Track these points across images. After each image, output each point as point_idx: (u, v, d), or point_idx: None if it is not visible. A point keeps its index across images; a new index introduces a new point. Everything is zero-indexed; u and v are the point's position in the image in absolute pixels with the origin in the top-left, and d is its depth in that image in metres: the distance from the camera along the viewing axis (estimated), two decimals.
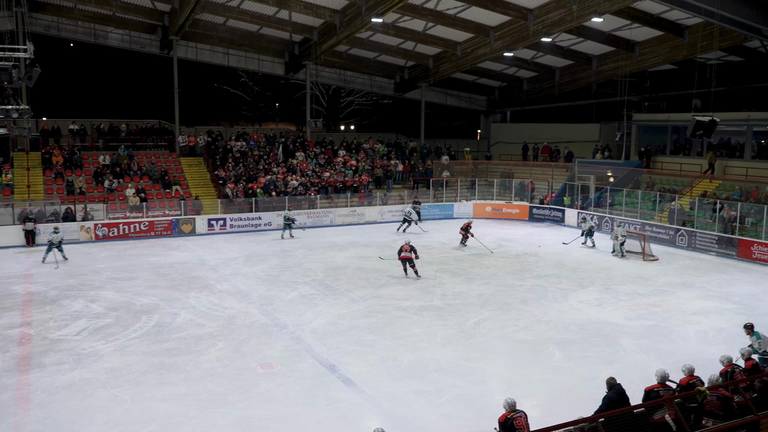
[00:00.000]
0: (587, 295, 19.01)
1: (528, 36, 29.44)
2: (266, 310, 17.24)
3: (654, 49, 31.52)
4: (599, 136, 39.28)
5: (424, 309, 17.34)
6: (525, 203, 34.45)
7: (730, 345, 13.19)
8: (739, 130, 31.62)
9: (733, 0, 22.72)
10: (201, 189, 31.76)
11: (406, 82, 41.38)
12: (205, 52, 35.87)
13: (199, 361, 13.45)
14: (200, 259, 23.83)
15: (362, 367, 13.16)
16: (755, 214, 25.16)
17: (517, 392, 11.28)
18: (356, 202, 33.18)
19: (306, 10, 29.57)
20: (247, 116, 57.34)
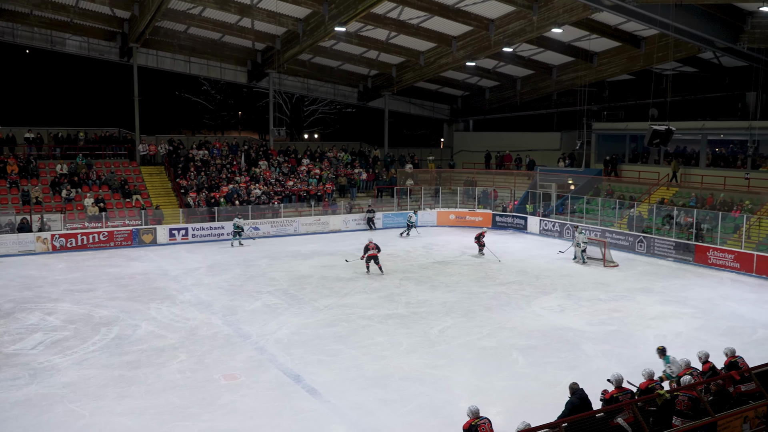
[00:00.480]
0: (550, 301, 19.24)
1: (490, 46, 29.82)
2: (229, 320, 17.03)
3: (612, 59, 32.23)
4: (560, 144, 39.93)
5: (389, 317, 17.33)
6: (488, 211, 34.77)
7: (689, 349, 13.47)
8: (694, 138, 32.47)
9: (687, 12, 23.36)
10: (162, 198, 31.28)
11: (369, 91, 41.49)
12: (166, 59, 35.42)
13: (161, 373, 13.20)
14: (162, 269, 23.44)
15: (327, 377, 13.08)
16: (710, 220, 25.81)
17: (482, 399, 11.35)
18: (320, 211, 33.07)
19: (269, 19, 29.45)
20: (210, 125, 56.78)
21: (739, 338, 15.34)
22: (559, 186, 34.05)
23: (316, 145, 41.53)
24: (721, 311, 18.20)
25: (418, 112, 45.11)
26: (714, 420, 8.98)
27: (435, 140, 54.30)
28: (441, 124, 48.32)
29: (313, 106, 55.07)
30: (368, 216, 33.04)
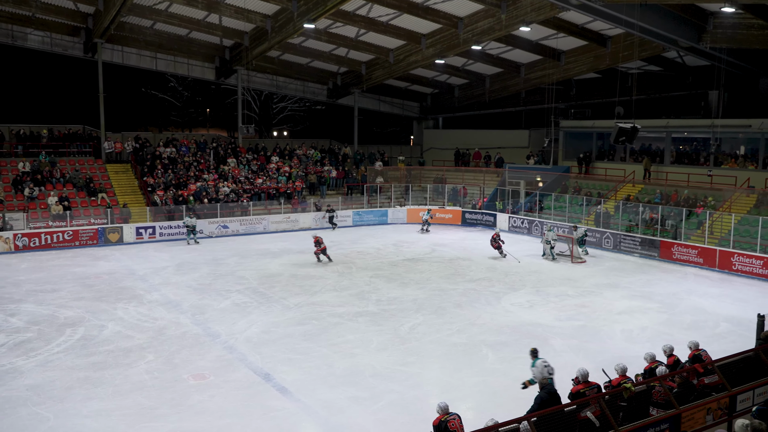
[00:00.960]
0: (519, 297, 19.42)
1: (459, 44, 29.95)
2: (198, 319, 16.85)
3: (579, 58, 32.65)
4: (528, 142, 40.33)
5: (359, 315, 17.32)
6: (458, 208, 34.96)
7: (654, 343, 13.71)
8: (659, 136, 33.05)
9: (651, 12, 23.76)
10: (129, 197, 30.80)
11: (339, 88, 41.38)
12: (131, 55, 34.83)
13: (128, 374, 13.01)
14: (128, 268, 23.10)
15: (297, 375, 13.03)
16: (675, 216, 26.31)
17: (452, 395, 11.42)
18: (290, 209, 32.90)
19: (237, 15, 29.16)
20: (177, 122, 56.06)
21: (703, 332, 15.66)
22: (527, 183, 34.39)
23: (285, 143, 41.31)
24: (685, 305, 18.57)
25: (387, 110, 45.14)
26: (678, 412, 9.16)
27: (405, 138, 54.41)
28: (411, 121, 48.43)
29: (282, 103, 54.73)
30: (329, 215, 32.73)
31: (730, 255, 23.18)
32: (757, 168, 28.26)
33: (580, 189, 32.60)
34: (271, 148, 38.86)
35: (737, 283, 21.60)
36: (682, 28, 25.32)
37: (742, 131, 29.34)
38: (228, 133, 53.79)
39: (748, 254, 22.73)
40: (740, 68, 30.13)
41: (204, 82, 43.88)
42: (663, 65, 33.65)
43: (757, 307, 15.54)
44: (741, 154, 29.57)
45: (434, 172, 39.47)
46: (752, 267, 22.44)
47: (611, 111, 33.07)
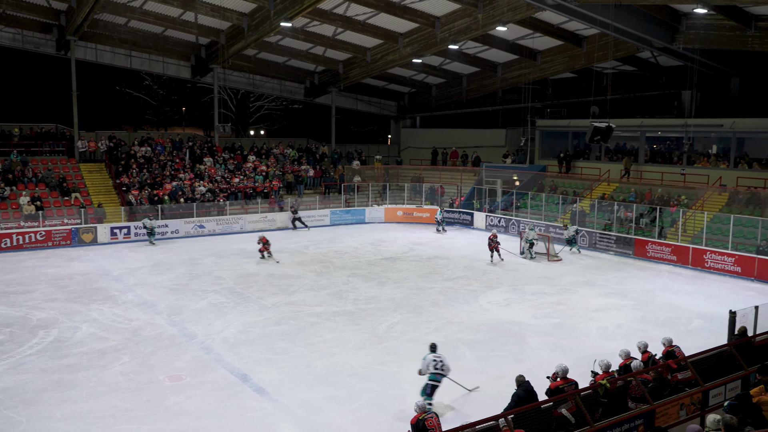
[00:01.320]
0: (496, 295, 19.53)
1: (436, 43, 30.02)
2: (174, 320, 16.70)
3: (555, 57, 32.90)
4: (505, 141, 40.55)
5: (337, 314, 17.29)
6: (435, 207, 35.04)
7: (629, 340, 13.87)
8: (633, 135, 33.42)
9: (626, 13, 24.03)
10: (103, 196, 30.41)
11: (316, 87, 41.26)
12: (105, 53, 34.39)
13: (103, 376, 12.85)
14: (103, 269, 22.80)
15: (275, 375, 12.97)
16: (649, 214, 26.65)
17: None
18: (267, 208, 32.73)
19: (213, 13, 28.92)
20: (152, 121, 55.46)
21: (676, 328, 15.89)
22: (504, 182, 34.58)
23: (262, 142, 41.09)
24: (659, 302, 18.81)
25: (365, 109, 45.12)
26: (653, 408, 9.29)
27: (382, 137, 54.41)
28: (388, 120, 48.44)
29: (259, 102, 54.39)
30: (294, 216, 32.32)
31: (703, 252, 23.53)
32: (728, 167, 28.72)
33: (556, 188, 32.87)
34: (247, 147, 38.62)
35: (710, 280, 21.94)
36: (655, 29, 25.66)
37: (714, 131, 29.80)
38: (204, 132, 53.32)
39: (720, 252, 23.09)
40: (712, 69, 30.59)
41: (179, 80, 43.47)
42: (637, 65, 34.06)
43: (729, 304, 15.81)
44: (713, 153, 30.04)
45: (412, 171, 39.52)
46: (724, 264, 22.80)
47: (587, 110, 33.45)
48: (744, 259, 22.34)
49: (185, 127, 56.22)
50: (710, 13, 23.59)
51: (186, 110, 57.31)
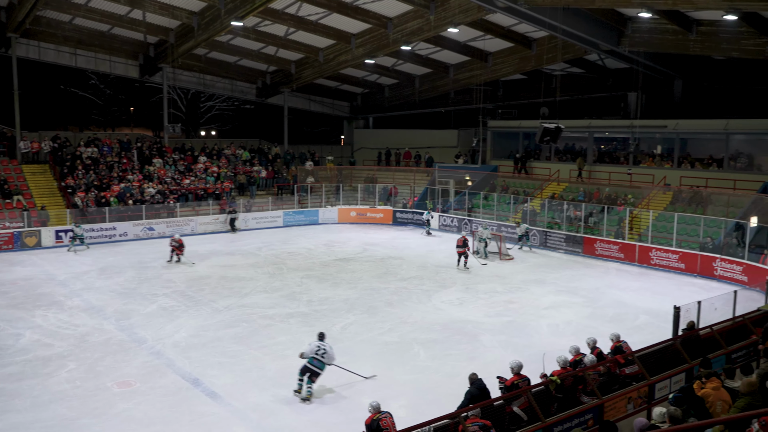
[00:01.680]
0: (449, 295, 19.69)
1: (388, 44, 30.10)
2: (123, 325, 16.31)
3: (505, 59, 33.35)
4: (458, 141, 40.93)
5: (291, 316, 17.16)
6: (388, 207, 35.15)
7: (579, 336, 14.15)
8: (582, 136, 34.14)
9: (573, 16, 24.53)
10: (47, 199, 29.49)
11: (268, 87, 40.89)
12: (49, 51, 33.37)
13: (48, 384, 12.45)
14: (47, 273, 22.12)
15: (227, 379, 12.80)
16: (597, 213, 27.27)
17: (385, 393, 11.47)
18: (218, 210, 32.27)
19: (161, 11, 28.36)
20: (99, 121, 54.05)
21: (624, 324, 16.29)
22: (457, 182, 34.90)
23: (213, 143, 40.50)
24: (607, 299, 19.26)
25: (318, 109, 44.93)
26: (602, 402, 9.50)
27: (335, 137, 54.27)
28: (341, 121, 48.35)
29: (210, 102, 53.61)
30: (230, 217, 31.67)
31: (649, 250, 24.21)
32: (672, 166, 29.60)
33: (507, 188, 33.32)
34: (198, 147, 38.01)
35: (655, 277, 22.57)
36: (602, 32, 26.26)
37: (658, 131, 30.68)
38: (153, 132, 52.27)
39: (665, 249, 23.80)
40: (657, 71, 31.48)
41: (127, 79, 42.47)
42: (585, 67, 34.81)
43: (673, 300, 16.30)
44: (658, 153, 30.91)
45: (365, 171, 39.53)
46: (669, 261, 23.50)
47: (537, 111, 34.04)
48: (687, 256, 23.07)
49: (133, 128, 55.01)
50: (654, 18, 24.28)
51: (134, 110, 56.08)
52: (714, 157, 28.90)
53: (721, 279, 21.79)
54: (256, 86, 41.24)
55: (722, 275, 21.90)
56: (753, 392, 7.44)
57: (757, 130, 27.71)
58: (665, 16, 23.76)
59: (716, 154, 28.93)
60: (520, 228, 27.53)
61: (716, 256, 22.33)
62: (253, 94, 41.71)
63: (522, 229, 27.40)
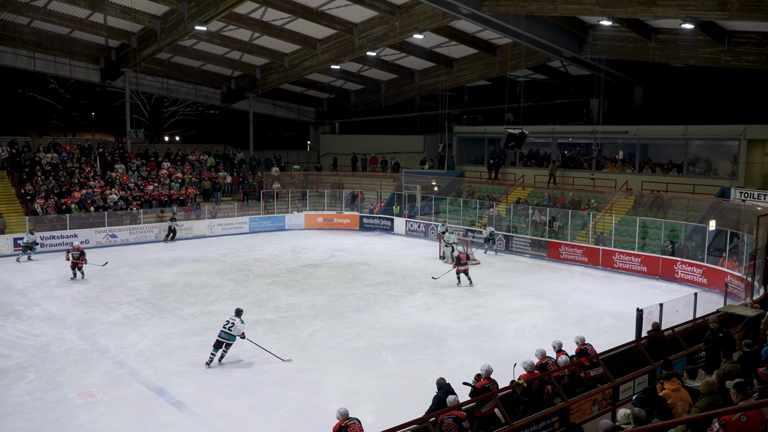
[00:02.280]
0: (417, 300, 19.73)
1: (354, 49, 30.13)
2: (85, 334, 15.97)
3: (470, 65, 33.68)
4: (423, 147, 41.14)
5: (258, 323, 17.00)
6: (355, 213, 35.12)
7: (544, 339, 14.30)
8: (546, 141, 34.62)
9: (536, 23, 24.90)
10: (4, 206, 28.72)
11: (233, 93, 40.56)
12: (6, 54, 32.58)
13: (6, 396, 12.12)
14: (5, 282, 21.54)
15: (193, 388, 12.61)
16: (561, 218, 27.64)
17: (353, 400, 11.44)
18: (183, 216, 31.84)
19: (123, 15, 27.89)
20: (59, 126, 52.96)
21: (588, 327, 16.53)
22: (423, 187, 35.05)
23: (177, 148, 39.98)
24: (572, 302, 19.52)
25: (283, 115, 44.71)
26: (567, 404, 9.61)
27: (301, 143, 54.10)
28: (307, 126, 48.21)
29: (173, 107, 52.97)
30: (170, 225, 30.15)
31: (612, 254, 24.62)
32: (633, 171, 30.19)
33: (473, 192, 33.58)
34: (162, 153, 37.47)
35: (619, 280, 22.96)
36: (564, 39, 26.73)
37: (620, 137, 31.26)
38: (116, 137, 51.36)
39: (628, 252, 24.23)
40: (618, 78, 32.13)
41: (88, 84, 41.71)
42: (548, 74, 35.33)
43: (636, 302, 16.60)
44: (620, 158, 31.49)
45: (331, 177, 39.45)
46: (632, 264, 23.93)
47: (502, 117, 34.39)
48: (649, 259, 23.52)
49: (95, 133, 54.04)
50: (614, 25, 24.78)
51: (96, 115, 55.08)
52: (674, 162, 29.58)
53: (681, 281, 22.26)
54: (221, 91, 40.89)
55: (683, 278, 22.38)
56: (713, 392, 7.60)
57: (715, 135, 28.49)
58: (625, 24, 24.27)
59: (676, 159, 29.62)
60: (486, 231, 27.79)
61: (677, 259, 22.82)
62: (218, 99, 41.34)
63: (488, 232, 27.67)
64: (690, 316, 14.32)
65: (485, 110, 39.25)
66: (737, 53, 24.17)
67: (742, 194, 24.65)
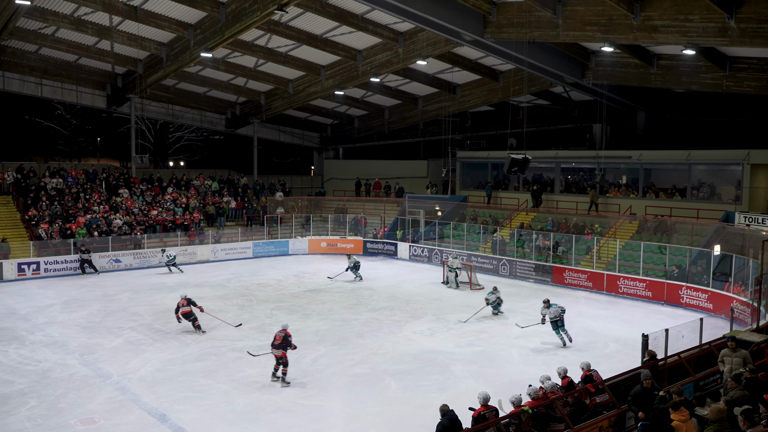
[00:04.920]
0: (420, 325, 19.62)
1: (357, 76, 30.39)
2: (87, 360, 15.90)
3: (473, 91, 33.91)
4: (427, 172, 41.27)
5: (261, 348, 16.87)
6: (359, 238, 35.09)
7: (549, 365, 14.20)
8: (549, 166, 34.66)
9: (539, 50, 25.11)
10: (9, 230, 28.81)
11: (237, 118, 40.86)
12: (14, 81, 32.99)
13: (6, 423, 12.04)
14: (8, 308, 21.51)
15: (195, 414, 12.52)
16: (566, 243, 27.58)
17: (356, 426, 11.35)
18: (187, 241, 31.87)
19: (130, 42, 28.25)
20: (65, 151, 53.35)
21: (593, 352, 16.39)
22: (427, 212, 35.06)
23: (182, 173, 40.16)
24: (576, 328, 19.34)
25: (287, 140, 44.96)
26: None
27: (305, 168, 54.30)
28: (311, 151, 48.43)
29: (178, 132, 53.32)
30: (83, 257, 27.62)
31: (617, 279, 24.50)
32: (637, 196, 30.17)
33: (476, 217, 33.57)
34: (167, 178, 37.64)
35: (623, 305, 22.82)
36: (567, 65, 26.92)
37: (623, 162, 31.29)
38: (121, 163, 51.73)
39: (633, 277, 24.11)
40: (620, 104, 32.28)
41: (94, 110, 42.16)
42: (551, 99, 35.53)
43: (641, 327, 16.47)
44: (623, 183, 31.49)
45: (335, 202, 39.52)
46: (636, 289, 23.80)
47: (505, 142, 34.50)
48: (654, 284, 23.40)
49: (100, 158, 54.41)
50: (616, 52, 24.96)
51: (101, 141, 55.51)
52: (677, 186, 29.56)
53: (687, 306, 22.11)
54: (226, 117, 41.18)
55: (688, 303, 22.24)
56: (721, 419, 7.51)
57: (718, 160, 28.50)
58: (627, 51, 24.45)
59: (679, 184, 29.61)
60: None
61: (682, 284, 22.69)
62: (223, 124, 41.63)
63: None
64: (696, 342, 14.18)
65: (488, 135, 39.38)
66: (739, 79, 24.30)
67: (746, 219, 24.58)
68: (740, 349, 11.34)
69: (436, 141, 39.56)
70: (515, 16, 22.18)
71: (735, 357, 11.11)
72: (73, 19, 26.15)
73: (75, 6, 25.01)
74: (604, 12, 20.57)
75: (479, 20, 23.12)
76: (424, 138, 42.45)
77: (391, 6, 21.26)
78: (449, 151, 35.92)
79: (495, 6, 22.70)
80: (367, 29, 25.92)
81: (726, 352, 11.40)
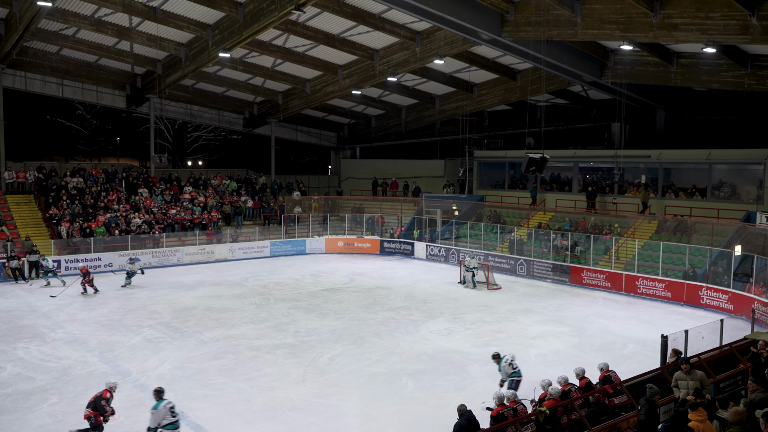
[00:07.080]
0: (437, 325, 19.60)
1: (375, 75, 30.41)
2: (107, 357, 16.07)
3: (491, 90, 33.79)
4: (444, 171, 41.19)
5: (278, 347, 17.00)
6: (376, 237, 35.12)
7: (567, 366, 14.11)
8: (567, 166, 34.44)
9: (557, 48, 24.96)
10: (31, 229, 29.20)
11: (255, 118, 41.06)
12: (35, 81, 33.41)
13: (28, 419, 12.21)
14: (30, 305, 21.81)
15: (212, 412, 12.60)
16: (583, 242, 27.39)
17: (372, 426, 11.36)
18: (205, 240, 32.09)
19: (149, 43, 28.52)
20: (85, 151, 53.96)
21: (611, 353, 16.27)
22: (444, 212, 35.00)
23: (200, 173, 40.45)
24: (594, 328, 19.25)
25: (305, 140, 45.10)
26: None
27: (322, 167, 54.45)
28: (328, 151, 48.54)
29: (197, 132, 53.69)
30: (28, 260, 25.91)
31: (635, 279, 24.30)
32: (657, 195, 29.88)
33: (498, 217, 33.43)
34: (185, 177, 37.93)
35: (642, 306, 22.62)
36: (585, 64, 26.72)
37: (642, 161, 31.01)
38: (140, 162, 52.21)
39: (652, 278, 23.89)
40: (639, 102, 31.98)
41: (114, 110, 42.58)
42: (569, 98, 35.30)
43: (660, 328, 16.33)
44: (642, 182, 31.19)
45: (352, 201, 39.59)
46: (655, 290, 23.59)
47: (522, 141, 34.32)
48: (673, 285, 23.17)
49: (120, 158, 54.96)
50: (635, 50, 24.75)
51: (121, 140, 56.07)
52: (697, 186, 29.22)
53: (707, 307, 21.88)
54: (244, 116, 41.40)
55: (708, 304, 22.00)
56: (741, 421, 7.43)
57: (739, 159, 28.13)
58: (646, 49, 24.23)
59: (699, 183, 29.27)
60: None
61: (702, 284, 22.45)
62: (241, 124, 41.86)
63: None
64: (716, 343, 14.04)
65: (506, 134, 39.21)
66: (760, 77, 23.97)
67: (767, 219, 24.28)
68: (695, 371, 10.62)
69: (453, 140, 39.47)
70: (533, 14, 22.05)
71: (690, 380, 10.39)
72: (94, 20, 26.46)
73: (95, 7, 25.29)
74: (623, 10, 20.39)
75: (497, 19, 23.04)
76: (441, 137, 42.38)
77: (408, 5, 21.25)
78: (466, 151, 35.82)
79: (513, 5, 22.60)
80: (384, 29, 25.92)
81: (680, 375, 10.62)
